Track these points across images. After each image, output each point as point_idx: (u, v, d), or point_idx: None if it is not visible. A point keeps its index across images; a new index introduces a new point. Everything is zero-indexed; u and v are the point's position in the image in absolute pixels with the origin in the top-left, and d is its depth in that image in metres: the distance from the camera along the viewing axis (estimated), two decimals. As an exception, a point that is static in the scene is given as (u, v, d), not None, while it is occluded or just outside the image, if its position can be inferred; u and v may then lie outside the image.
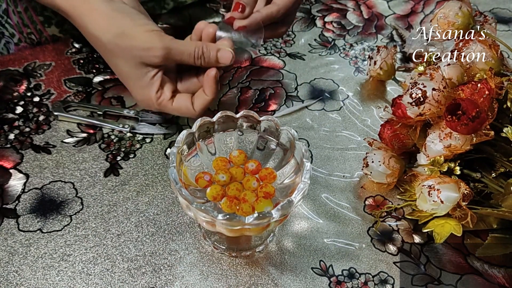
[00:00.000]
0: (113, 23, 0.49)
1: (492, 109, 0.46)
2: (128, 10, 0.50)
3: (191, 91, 0.53)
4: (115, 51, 0.50)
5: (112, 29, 0.49)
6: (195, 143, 0.47)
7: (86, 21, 0.50)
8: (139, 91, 0.51)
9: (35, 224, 0.50)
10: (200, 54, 0.50)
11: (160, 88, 0.51)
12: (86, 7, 0.50)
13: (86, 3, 0.50)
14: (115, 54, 0.50)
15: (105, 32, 0.49)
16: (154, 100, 0.51)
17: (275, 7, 0.52)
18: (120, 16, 0.49)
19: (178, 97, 0.52)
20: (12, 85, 0.62)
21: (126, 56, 0.49)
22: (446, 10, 0.53)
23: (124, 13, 0.50)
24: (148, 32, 0.49)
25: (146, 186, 0.53)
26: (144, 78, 0.50)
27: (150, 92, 0.51)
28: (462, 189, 0.46)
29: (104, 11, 0.49)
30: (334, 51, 0.70)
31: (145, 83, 0.50)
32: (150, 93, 0.51)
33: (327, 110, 0.63)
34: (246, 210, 0.43)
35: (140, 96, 0.52)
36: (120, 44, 0.49)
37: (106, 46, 0.50)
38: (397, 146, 0.53)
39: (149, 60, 0.49)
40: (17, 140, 0.56)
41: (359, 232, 0.51)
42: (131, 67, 0.50)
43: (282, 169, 0.47)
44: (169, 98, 0.51)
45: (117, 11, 0.49)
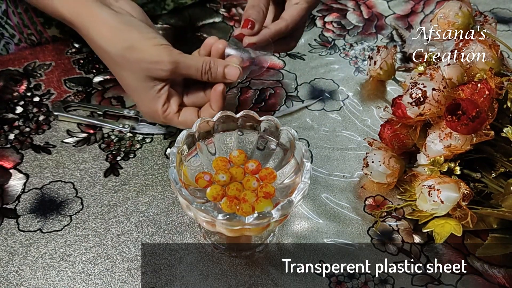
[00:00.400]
0: (122, 35, 0.49)
1: (492, 109, 0.46)
2: (136, 23, 0.50)
3: (198, 105, 0.53)
4: (123, 63, 0.49)
5: (120, 42, 0.49)
6: (195, 143, 0.47)
7: (93, 33, 0.50)
8: (145, 104, 0.51)
9: (35, 224, 0.50)
10: (207, 69, 0.50)
11: (167, 101, 0.51)
12: (94, 19, 0.50)
13: (94, 16, 0.49)
14: (122, 67, 0.50)
15: (113, 44, 0.49)
16: (160, 113, 0.51)
17: (283, 23, 0.52)
18: (128, 29, 0.49)
19: (185, 111, 0.52)
20: (12, 85, 0.62)
21: (134, 69, 0.49)
22: (446, 10, 0.53)
23: (132, 26, 0.49)
24: (157, 46, 0.48)
25: (146, 186, 0.53)
26: (150, 91, 0.50)
27: (156, 105, 0.50)
28: (462, 189, 0.46)
29: (112, 24, 0.49)
30: (334, 51, 0.71)
31: (151, 96, 0.50)
32: (156, 106, 0.50)
33: (327, 110, 0.63)
34: (246, 210, 0.43)
35: (146, 108, 0.52)
36: (128, 57, 0.48)
37: (114, 59, 0.50)
38: (397, 146, 0.53)
39: (157, 74, 0.49)
40: (17, 140, 0.56)
41: (359, 232, 0.51)
42: (138, 80, 0.49)
43: (282, 169, 0.47)
44: (175, 112, 0.51)
45: (126, 23, 0.49)
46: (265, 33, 0.51)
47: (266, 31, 0.51)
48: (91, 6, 0.50)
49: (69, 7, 0.50)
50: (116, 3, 0.52)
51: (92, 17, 0.50)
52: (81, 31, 0.51)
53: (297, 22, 0.53)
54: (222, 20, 0.73)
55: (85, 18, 0.50)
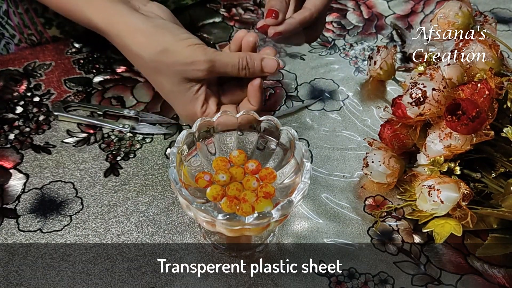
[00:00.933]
0: (155, 39, 0.48)
1: (492, 109, 0.46)
2: (168, 25, 0.50)
3: (235, 102, 0.53)
4: (158, 68, 0.49)
5: (154, 46, 0.48)
6: (195, 143, 0.47)
7: (126, 40, 0.49)
8: (183, 107, 0.51)
9: (35, 224, 0.50)
10: (244, 65, 0.49)
11: (205, 102, 0.50)
12: (127, 27, 0.49)
13: (127, 23, 0.49)
14: (157, 71, 0.49)
15: (146, 49, 0.48)
16: (200, 115, 0.50)
17: (307, 12, 0.51)
18: (161, 32, 0.48)
19: (224, 109, 0.51)
20: (12, 85, 0.62)
21: (169, 72, 0.48)
22: (446, 10, 0.53)
23: (165, 29, 0.49)
24: (191, 46, 0.48)
25: (146, 186, 0.53)
26: (187, 93, 0.49)
27: (195, 108, 0.50)
28: (462, 189, 0.46)
29: (144, 29, 0.48)
30: (334, 51, 0.71)
31: (189, 98, 0.50)
32: (195, 108, 0.50)
33: (327, 110, 0.63)
34: (246, 210, 0.43)
35: (185, 112, 0.51)
36: (164, 60, 0.48)
37: (148, 64, 0.49)
38: (397, 146, 0.53)
39: (193, 75, 0.48)
40: (17, 140, 0.56)
41: (359, 232, 0.51)
42: (174, 83, 0.49)
43: (282, 169, 0.47)
44: (214, 112, 0.51)
45: (158, 27, 0.49)
46: (290, 22, 0.50)
47: (291, 20, 0.50)
48: (124, 14, 0.49)
49: (102, 17, 0.50)
50: (145, 7, 0.51)
51: (125, 24, 0.49)
52: (114, 39, 0.51)
53: (321, 11, 0.52)
54: (222, 20, 0.73)
55: (119, 27, 0.49)
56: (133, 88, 0.63)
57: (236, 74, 0.50)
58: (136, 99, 0.61)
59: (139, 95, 0.62)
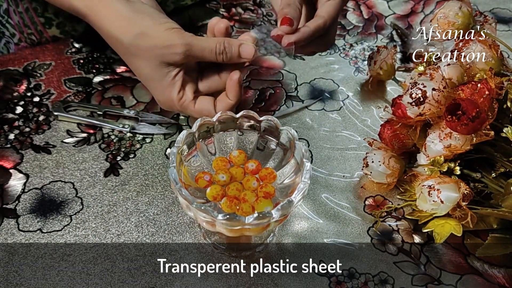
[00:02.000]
0: (134, 23, 0.49)
1: (492, 109, 0.46)
2: (148, 10, 0.50)
3: (213, 90, 0.53)
4: (136, 52, 0.49)
5: (132, 30, 0.49)
6: (195, 143, 0.47)
7: (105, 23, 0.50)
8: (161, 92, 0.51)
9: (35, 224, 0.50)
10: (222, 50, 0.50)
11: (182, 88, 0.51)
12: (105, 10, 0.50)
13: (106, 6, 0.50)
14: (136, 55, 0.50)
15: (125, 33, 0.49)
16: (176, 101, 0.51)
17: (321, 20, 0.50)
18: (141, 16, 0.49)
19: (201, 99, 0.52)
20: (12, 85, 0.62)
21: (147, 56, 0.49)
22: (446, 10, 0.53)
23: (144, 14, 0.49)
24: (169, 30, 0.48)
25: (146, 186, 0.53)
26: (165, 78, 0.50)
27: (172, 93, 0.50)
28: (462, 189, 0.46)
29: (124, 13, 0.49)
30: (334, 51, 0.70)
31: (166, 83, 0.50)
32: (172, 94, 0.50)
33: (327, 110, 0.63)
34: (246, 210, 0.43)
35: (162, 97, 0.52)
36: (141, 44, 0.48)
37: (127, 48, 0.50)
38: (397, 146, 0.53)
39: (170, 58, 0.49)
40: (17, 140, 0.56)
41: (359, 232, 0.51)
42: (152, 68, 0.49)
43: (282, 169, 0.47)
44: (191, 99, 0.51)
45: (137, 11, 0.49)
46: (305, 31, 0.49)
47: (306, 29, 0.49)
48: None
49: (83, 1, 0.50)
50: None
51: (105, 8, 0.50)
52: (94, 24, 0.51)
53: (334, 18, 0.52)
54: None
55: (96, 9, 0.50)
56: (133, 88, 0.63)
57: (214, 59, 0.50)
58: (136, 99, 0.61)
59: (139, 95, 0.62)
